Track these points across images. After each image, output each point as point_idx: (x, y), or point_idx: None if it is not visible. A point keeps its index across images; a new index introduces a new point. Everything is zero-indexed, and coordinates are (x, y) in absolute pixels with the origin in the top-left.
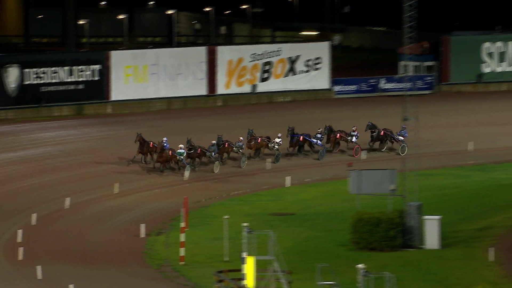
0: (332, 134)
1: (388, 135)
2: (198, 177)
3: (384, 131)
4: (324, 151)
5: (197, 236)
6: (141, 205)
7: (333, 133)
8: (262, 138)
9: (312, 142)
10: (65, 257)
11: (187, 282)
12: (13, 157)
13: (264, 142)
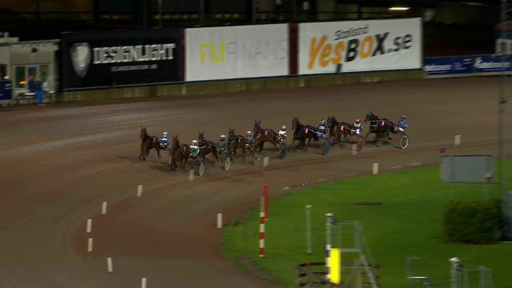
0: (335, 126)
1: (389, 126)
2: (278, 164)
3: (384, 121)
4: (329, 145)
5: (277, 227)
6: (218, 194)
7: (337, 126)
8: (269, 131)
9: (318, 135)
10: (137, 249)
11: (267, 276)
12: (82, 141)
13: (271, 136)
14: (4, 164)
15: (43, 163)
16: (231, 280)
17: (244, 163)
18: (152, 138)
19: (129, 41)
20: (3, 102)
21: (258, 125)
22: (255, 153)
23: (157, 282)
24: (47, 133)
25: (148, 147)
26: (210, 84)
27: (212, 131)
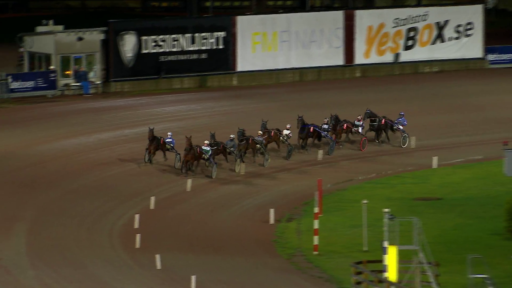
0: (338, 124)
1: (389, 125)
2: (332, 158)
3: (384, 119)
4: (334, 145)
5: (332, 223)
6: (270, 188)
7: (340, 124)
8: (275, 131)
9: (322, 134)
10: (185, 245)
11: (321, 274)
12: (130, 134)
13: (278, 136)
14: (49, 157)
15: (89, 156)
16: (284, 278)
17: (300, 158)
18: (159, 139)
19: (178, 30)
20: (48, 93)
21: (265, 125)
22: (266, 154)
23: (207, 280)
24: (93, 125)
25: (156, 148)
26: (262, 74)
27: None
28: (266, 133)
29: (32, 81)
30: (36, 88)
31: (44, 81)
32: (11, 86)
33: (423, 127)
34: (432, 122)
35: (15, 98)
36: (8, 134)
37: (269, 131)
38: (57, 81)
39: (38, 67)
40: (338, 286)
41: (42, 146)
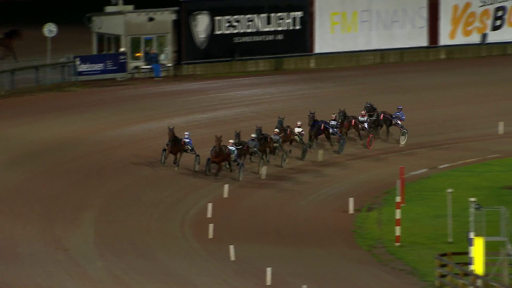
0: (346, 121)
1: (388, 119)
2: (415, 144)
3: (383, 114)
4: (344, 142)
5: (415, 213)
6: (349, 176)
7: (347, 120)
8: (291, 130)
9: (333, 131)
10: (260, 236)
11: (404, 267)
12: (202, 119)
13: (293, 135)
14: (118, 143)
15: (159, 142)
16: (364, 271)
17: (377, 143)
18: (180, 140)
19: (253, 9)
20: (117, 76)
21: (282, 123)
22: (283, 154)
23: (283, 272)
24: (164, 110)
25: (177, 150)
26: (341, 56)
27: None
28: (282, 131)
29: (101, 63)
30: (105, 71)
31: (113, 63)
32: (79, 69)
33: (511, 112)
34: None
35: (83, 81)
36: (75, 118)
37: (285, 129)
38: (127, 64)
39: (107, 49)
40: (421, 279)
41: (110, 132)
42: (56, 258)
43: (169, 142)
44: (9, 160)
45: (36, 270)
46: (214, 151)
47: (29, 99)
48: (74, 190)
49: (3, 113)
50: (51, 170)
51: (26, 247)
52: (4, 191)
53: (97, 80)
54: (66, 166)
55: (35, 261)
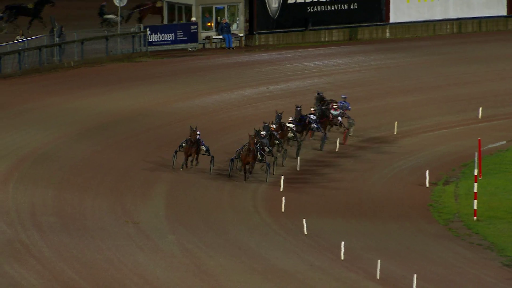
0: (324, 115)
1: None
2: (493, 116)
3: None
4: (325, 138)
5: (493, 186)
6: (426, 148)
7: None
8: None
9: (317, 127)
10: (333, 210)
11: (481, 241)
12: (275, 90)
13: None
14: (189, 115)
15: (231, 113)
16: (441, 245)
17: (454, 114)
18: (199, 141)
19: None
20: (188, 46)
21: (280, 118)
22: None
23: (357, 247)
24: (235, 81)
25: (195, 152)
26: (417, 25)
27: (418, 79)
28: (280, 128)
29: (172, 33)
30: (176, 41)
31: (184, 33)
32: (149, 39)
33: None
34: None
35: (153, 52)
36: (145, 90)
37: (282, 125)
38: (198, 34)
39: (177, 19)
40: (499, 254)
41: (181, 103)
42: (126, 231)
43: (186, 142)
44: (78, 133)
45: (105, 243)
46: (244, 150)
47: (99, 70)
48: (144, 163)
49: (73, 84)
50: (121, 142)
51: (95, 220)
52: (74, 164)
53: (168, 51)
54: (136, 138)
55: (105, 235)
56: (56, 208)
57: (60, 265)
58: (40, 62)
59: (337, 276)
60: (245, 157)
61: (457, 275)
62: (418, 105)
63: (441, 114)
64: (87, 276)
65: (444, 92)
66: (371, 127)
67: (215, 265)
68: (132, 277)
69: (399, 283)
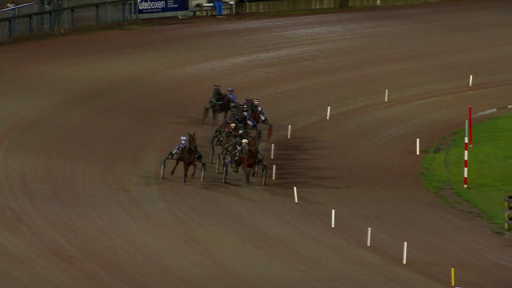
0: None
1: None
2: (483, 84)
3: (228, 97)
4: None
5: (484, 154)
6: (416, 116)
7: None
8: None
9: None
10: (324, 178)
11: (472, 209)
12: (265, 58)
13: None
14: (179, 83)
15: (221, 81)
16: (431, 213)
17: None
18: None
19: None
20: (178, 14)
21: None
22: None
23: (347, 215)
24: (226, 49)
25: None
26: None
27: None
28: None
29: (162, 1)
30: (166, 8)
31: (175, 1)
32: (139, 7)
33: None
34: None
35: (144, 20)
36: (135, 57)
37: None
38: (189, 1)
39: None
40: (489, 221)
41: (172, 71)
42: (117, 199)
43: (183, 151)
44: (69, 100)
45: (96, 211)
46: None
47: (89, 38)
48: (135, 131)
49: (63, 52)
50: (112, 110)
51: (86, 188)
52: (64, 132)
53: (159, 18)
54: (127, 106)
55: (96, 202)
56: (47, 176)
57: (51, 233)
58: (31, 30)
59: (328, 243)
60: (248, 159)
61: (447, 243)
62: (409, 73)
63: (431, 82)
64: (78, 244)
65: (435, 60)
66: (362, 95)
67: (206, 233)
68: (123, 245)
69: (389, 250)
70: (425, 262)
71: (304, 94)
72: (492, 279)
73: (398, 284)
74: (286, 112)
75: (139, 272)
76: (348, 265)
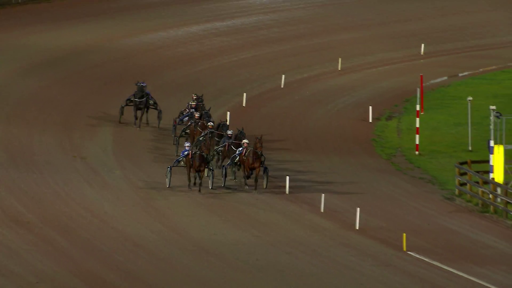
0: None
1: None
2: (434, 52)
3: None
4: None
5: (435, 121)
6: (369, 84)
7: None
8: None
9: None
10: (279, 144)
11: (423, 175)
12: (220, 27)
13: None
14: (134, 51)
15: (177, 50)
16: (383, 180)
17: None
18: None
19: None
20: None
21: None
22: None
23: (301, 180)
24: (182, 18)
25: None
26: None
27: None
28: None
29: None
30: None
31: None
32: None
33: None
34: None
35: None
36: (92, 27)
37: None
38: None
39: None
40: (440, 187)
41: (128, 40)
42: (74, 166)
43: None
44: (25, 68)
45: (53, 178)
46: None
47: (46, 7)
48: (91, 99)
49: (20, 20)
50: (68, 78)
51: (43, 155)
52: (21, 99)
53: None
54: (83, 74)
55: (53, 169)
56: (4, 143)
57: (9, 199)
58: None
59: (281, 209)
60: (253, 162)
61: (399, 209)
62: (362, 41)
63: (384, 51)
64: (36, 210)
65: (387, 29)
66: (316, 63)
67: (162, 200)
68: (79, 211)
69: (342, 216)
70: (377, 228)
71: (259, 62)
72: (443, 244)
73: (351, 249)
74: (241, 80)
75: (96, 237)
76: (302, 231)
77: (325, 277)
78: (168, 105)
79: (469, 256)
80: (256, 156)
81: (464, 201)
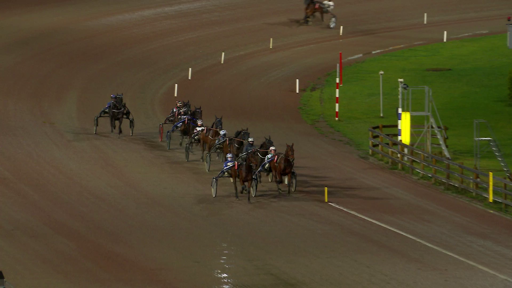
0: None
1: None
2: (352, 33)
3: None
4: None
5: (352, 92)
6: (296, 61)
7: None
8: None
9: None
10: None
11: (342, 138)
12: (169, 11)
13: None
14: (96, 32)
15: (132, 31)
16: (308, 141)
17: (320, 31)
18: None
19: None
20: None
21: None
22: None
23: None
24: (136, 3)
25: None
26: None
27: (291, 2)
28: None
29: None
30: None
31: None
32: None
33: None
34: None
35: None
36: (59, 10)
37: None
38: None
39: None
40: (356, 148)
41: (90, 22)
42: (44, 130)
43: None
44: (1, 46)
45: (26, 140)
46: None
47: None
48: (59, 72)
49: None
50: (39, 55)
51: (17, 120)
52: None
53: None
54: (53, 51)
55: (25, 133)
56: None
57: None
58: None
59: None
60: (285, 168)
61: (322, 167)
62: (290, 24)
63: (308, 32)
64: (11, 168)
65: None
66: (251, 43)
67: (119, 159)
68: (49, 169)
69: None
70: (303, 182)
71: (202, 42)
72: (359, 196)
73: (281, 200)
74: (187, 57)
75: (63, 191)
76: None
77: (260, 225)
78: (127, 79)
79: (381, 206)
80: (288, 163)
81: (377, 160)
